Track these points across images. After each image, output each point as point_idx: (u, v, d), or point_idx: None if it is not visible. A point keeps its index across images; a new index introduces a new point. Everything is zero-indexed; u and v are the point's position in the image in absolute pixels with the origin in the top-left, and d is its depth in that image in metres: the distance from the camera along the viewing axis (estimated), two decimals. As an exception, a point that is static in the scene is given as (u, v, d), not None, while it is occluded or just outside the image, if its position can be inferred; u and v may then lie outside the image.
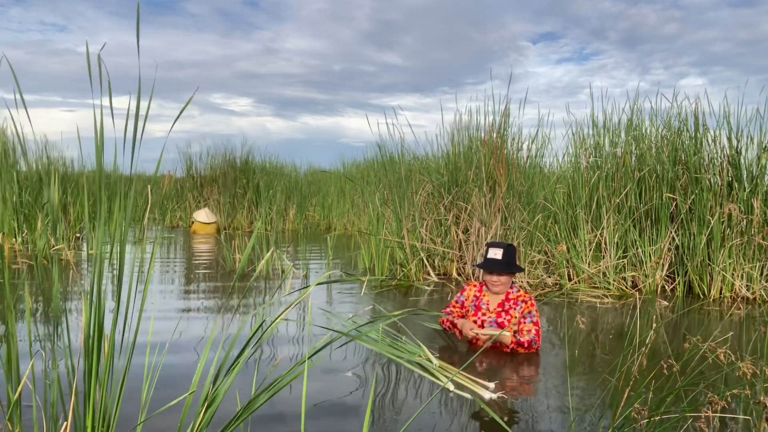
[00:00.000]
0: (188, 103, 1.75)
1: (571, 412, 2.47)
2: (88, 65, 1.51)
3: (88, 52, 1.50)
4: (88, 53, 1.50)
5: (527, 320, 3.35)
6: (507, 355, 3.31)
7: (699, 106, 5.53)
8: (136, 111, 1.59)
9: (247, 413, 1.73)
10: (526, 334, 3.30)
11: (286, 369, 1.80)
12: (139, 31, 1.52)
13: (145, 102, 1.65)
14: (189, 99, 1.76)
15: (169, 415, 2.15)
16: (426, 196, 6.36)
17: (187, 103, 1.75)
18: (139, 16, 1.50)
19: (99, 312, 1.64)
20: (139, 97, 1.60)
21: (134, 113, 1.59)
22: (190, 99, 1.76)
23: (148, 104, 1.67)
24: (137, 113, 1.59)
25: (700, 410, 1.76)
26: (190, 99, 1.76)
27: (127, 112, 1.61)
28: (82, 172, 9.42)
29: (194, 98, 1.77)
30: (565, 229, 5.82)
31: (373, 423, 2.33)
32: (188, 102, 1.76)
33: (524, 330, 3.32)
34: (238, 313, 4.43)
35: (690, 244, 5.35)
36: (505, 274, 3.41)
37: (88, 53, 1.51)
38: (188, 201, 12.55)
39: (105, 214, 1.70)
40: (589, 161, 5.94)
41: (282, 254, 6.59)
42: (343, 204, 11.99)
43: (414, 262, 6.01)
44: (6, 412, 1.71)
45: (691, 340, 2.02)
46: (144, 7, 1.50)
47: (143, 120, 1.62)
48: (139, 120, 1.60)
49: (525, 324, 3.34)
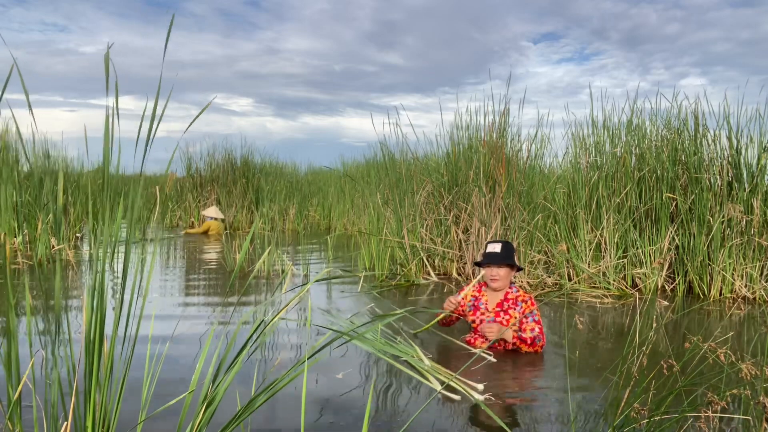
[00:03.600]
0: (206, 108, 1.76)
1: (571, 412, 2.47)
2: (106, 68, 1.51)
3: (108, 57, 1.50)
4: (108, 57, 1.50)
5: (529, 319, 3.35)
6: (507, 355, 3.31)
7: (699, 106, 5.54)
8: (151, 111, 1.59)
9: (247, 413, 1.73)
10: (528, 332, 3.30)
11: (286, 369, 1.80)
12: (141, 30, 1.52)
13: (150, 102, 1.65)
14: (207, 104, 1.78)
15: (169, 415, 2.15)
16: (426, 195, 6.36)
17: (204, 108, 1.76)
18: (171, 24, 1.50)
19: (100, 312, 1.64)
20: (156, 99, 1.60)
21: (146, 114, 1.59)
22: (207, 105, 1.78)
23: (154, 105, 1.67)
24: (152, 114, 1.60)
25: (700, 410, 1.76)
26: (208, 105, 1.78)
27: (137, 113, 1.61)
28: (82, 171, 9.43)
29: (195, 98, 1.79)
30: (565, 229, 5.82)
31: (372, 423, 2.33)
32: (206, 106, 1.78)
33: (527, 329, 3.32)
34: (237, 313, 4.43)
35: (690, 244, 5.35)
36: (504, 266, 3.41)
37: (108, 58, 1.51)
38: (188, 201, 12.55)
39: (108, 215, 1.70)
40: (589, 161, 5.94)
41: (282, 254, 6.59)
42: (344, 204, 11.99)
43: (414, 261, 6.01)
44: (6, 412, 1.71)
45: (692, 340, 2.02)
46: (145, 7, 1.50)
47: (157, 121, 1.62)
48: (144, 120, 1.60)
49: (528, 323, 3.34)
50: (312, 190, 13.58)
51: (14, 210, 7.12)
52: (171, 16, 1.52)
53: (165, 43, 1.53)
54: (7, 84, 1.54)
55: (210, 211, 10.90)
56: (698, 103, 5.54)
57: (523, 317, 3.36)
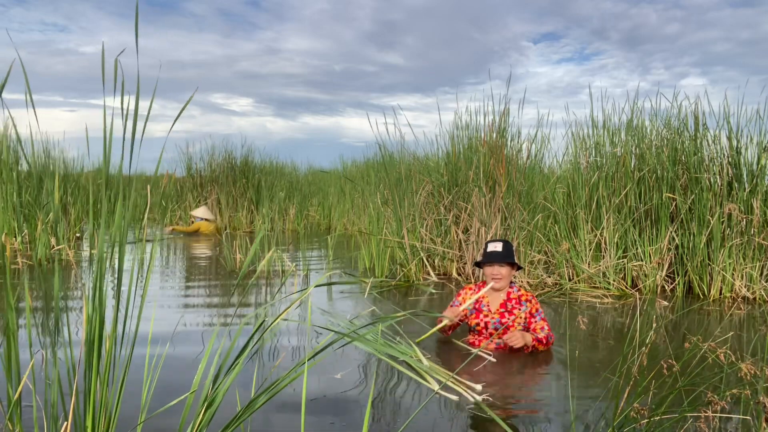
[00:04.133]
0: (187, 104, 1.75)
1: (571, 412, 2.47)
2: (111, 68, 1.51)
3: (117, 62, 1.50)
4: (117, 62, 1.50)
5: (537, 318, 3.36)
6: (507, 355, 3.31)
7: (699, 106, 5.54)
8: (145, 112, 1.59)
9: (248, 413, 1.73)
10: (540, 331, 3.32)
11: (286, 369, 1.80)
12: (141, 30, 1.52)
13: (145, 102, 1.65)
14: (188, 99, 1.76)
15: (169, 415, 2.15)
16: (426, 195, 6.36)
17: (186, 103, 1.75)
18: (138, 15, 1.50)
19: (100, 312, 1.64)
20: (153, 99, 1.60)
21: (139, 113, 1.59)
22: (189, 99, 1.77)
23: (149, 104, 1.67)
24: (147, 113, 1.60)
25: (700, 410, 1.76)
26: (190, 99, 1.77)
27: (125, 112, 1.61)
28: (82, 171, 9.42)
29: (195, 98, 1.78)
30: (565, 229, 5.82)
31: (372, 423, 2.33)
32: (187, 102, 1.76)
33: (537, 328, 3.34)
34: (238, 314, 4.43)
35: (690, 244, 5.35)
36: (505, 265, 3.41)
37: (117, 63, 1.50)
38: (188, 201, 12.55)
39: (106, 214, 1.70)
40: (589, 161, 5.94)
41: (282, 254, 6.59)
42: (343, 204, 11.99)
43: (414, 262, 6.01)
44: (6, 412, 1.71)
45: (691, 340, 2.02)
46: (145, 7, 1.51)
47: (144, 120, 1.62)
48: (139, 120, 1.60)
49: (537, 323, 3.35)
50: (312, 190, 13.57)
51: (14, 210, 7.11)
52: (171, 16, 1.52)
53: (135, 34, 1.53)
54: (5, 83, 1.54)
55: (199, 212, 10.73)
56: (698, 103, 5.54)
57: (530, 316, 3.36)
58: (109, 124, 1.62)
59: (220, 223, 11.88)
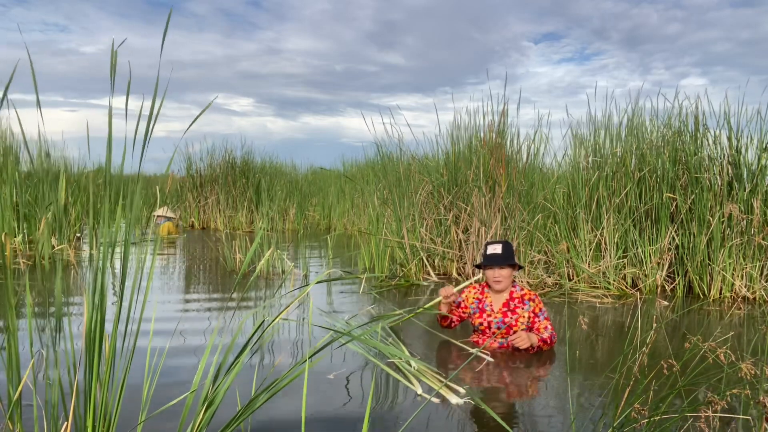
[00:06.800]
0: (208, 107, 1.75)
1: (571, 412, 2.47)
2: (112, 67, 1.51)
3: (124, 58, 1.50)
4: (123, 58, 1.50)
5: (540, 318, 3.36)
6: (506, 354, 3.31)
7: (699, 106, 5.53)
8: (147, 111, 1.59)
9: (247, 413, 1.73)
10: (544, 331, 3.32)
11: (286, 369, 1.80)
12: (141, 30, 1.52)
13: (148, 102, 1.65)
14: (208, 104, 1.77)
15: (169, 415, 2.15)
16: (426, 195, 6.36)
17: (206, 106, 1.76)
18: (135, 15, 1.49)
19: (100, 311, 1.64)
20: (154, 98, 1.60)
21: (143, 114, 1.59)
22: (209, 104, 1.77)
23: (151, 103, 1.67)
24: (149, 113, 1.60)
25: (700, 410, 1.76)
26: (210, 104, 1.77)
27: (126, 113, 1.61)
28: (82, 171, 9.42)
29: (195, 98, 1.78)
30: (565, 229, 5.82)
31: (372, 423, 2.33)
32: (207, 107, 1.76)
33: (541, 328, 3.35)
34: (238, 313, 4.43)
35: (690, 244, 5.35)
36: (506, 267, 3.41)
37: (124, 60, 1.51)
38: (188, 201, 12.55)
39: (108, 215, 1.70)
40: (589, 161, 5.94)
41: (282, 254, 6.59)
42: (343, 204, 11.99)
43: (414, 261, 6.01)
44: (6, 412, 1.71)
45: (691, 340, 2.02)
46: (146, 6, 1.51)
47: (153, 120, 1.62)
48: (142, 120, 1.60)
49: (540, 322, 3.36)
50: (312, 190, 13.57)
51: (14, 210, 7.12)
52: (171, 15, 1.52)
53: (162, 39, 1.53)
54: (10, 83, 1.54)
55: (162, 211, 10.20)
56: (699, 103, 5.54)
57: (534, 315, 3.37)
58: (115, 124, 1.62)
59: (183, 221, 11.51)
